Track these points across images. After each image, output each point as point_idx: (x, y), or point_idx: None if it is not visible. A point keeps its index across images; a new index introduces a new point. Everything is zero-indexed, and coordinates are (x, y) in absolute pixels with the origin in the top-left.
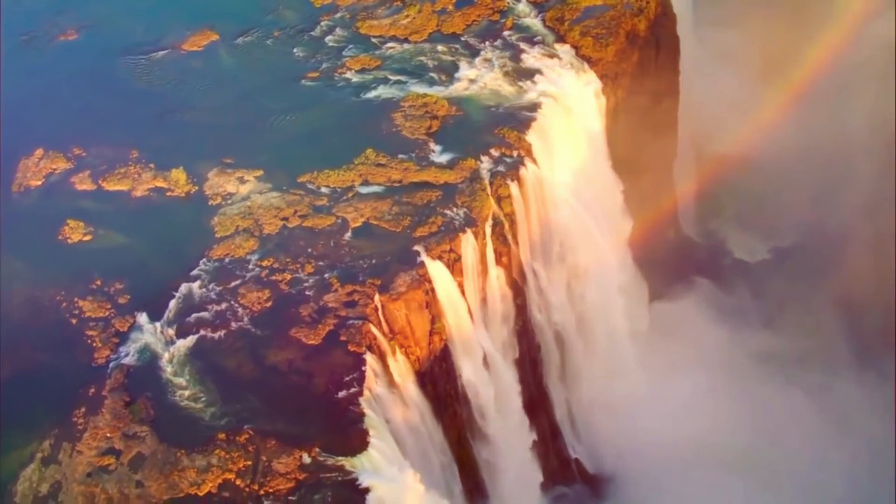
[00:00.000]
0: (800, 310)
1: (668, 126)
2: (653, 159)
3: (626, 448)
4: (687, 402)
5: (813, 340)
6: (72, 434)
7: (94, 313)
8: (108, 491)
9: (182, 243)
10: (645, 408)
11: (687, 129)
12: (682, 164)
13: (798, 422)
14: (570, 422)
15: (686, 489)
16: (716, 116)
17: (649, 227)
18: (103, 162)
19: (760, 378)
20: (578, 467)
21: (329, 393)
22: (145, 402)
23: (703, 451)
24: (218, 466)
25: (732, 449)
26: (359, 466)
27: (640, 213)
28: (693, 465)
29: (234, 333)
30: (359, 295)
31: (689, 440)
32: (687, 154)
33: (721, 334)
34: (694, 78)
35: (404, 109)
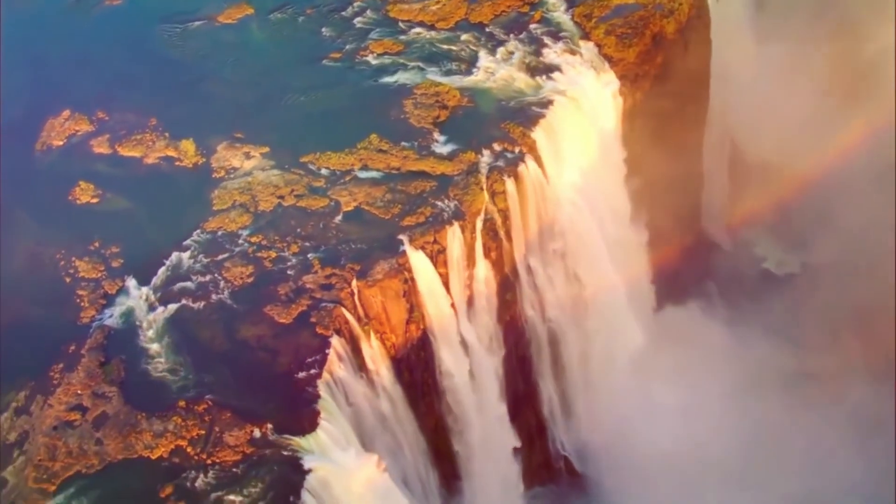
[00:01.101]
0: (821, 327)
1: (692, 132)
2: (673, 164)
3: (620, 453)
4: (688, 413)
5: (830, 358)
6: (46, 388)
7: (87, 274)
8: (69, 445)
9: (180, 213)
10: (644, 415)
11: (723, 135)
12: (716, 171)
13: (801, 439)
14: (563, 421)
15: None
16: (764, 127)
17: (665, 231)
18: (123, 127)
19: (767, 392)
20: (567, 465)
21: (290, 372)
22: (119, 363)
23: (701, 463)
24: (173, 433)
25: (730, 463)
26: (305, 447)
27: (656, 215)
28: (688, 477)
29: (212, 305)
30: (337, 278)
31: (687, 451)
32: (720, 161)
33: (731, 345)
34: (749, 90)
35: (416, 97)
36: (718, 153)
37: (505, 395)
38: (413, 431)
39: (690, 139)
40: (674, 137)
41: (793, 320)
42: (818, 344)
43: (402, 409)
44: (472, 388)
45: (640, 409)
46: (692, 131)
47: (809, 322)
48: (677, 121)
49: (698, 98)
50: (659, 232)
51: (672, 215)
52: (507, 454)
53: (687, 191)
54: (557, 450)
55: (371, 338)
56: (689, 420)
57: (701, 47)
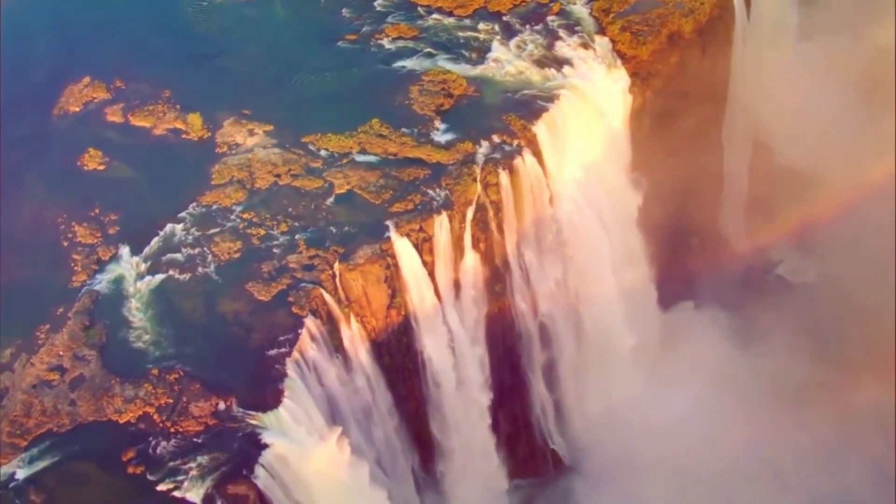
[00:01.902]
0: (830, 338)
1: (708, 133)
2: (686, 164)
3: (612, 450)
4: (686, 416)
5: (837, 369)
6: (31, 347)
7: (84, 239)
8: (45, 404)
9: (180, 185)
10: (641, 416)
11: (745, 137)
12: (736, 172)
13: (799, 451)
14: (553, 415)
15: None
16: (795, 130)
17: (675, 232)
18: (137, 97)
19: (768, 402)
20: (554, 458)
21: (261, 349)
22: (102, 328)
23: (695, 468)
24: (142, 399)
25: (726, 469)
26: (265, 423)
27: (665, 215)
28: (681, 480)
29: (197, 278)
30: (319, 260)
31: (682, 454)
32: (741, 163)
33: (735, 350)
34: (783, 91)
35: (423, 84)
36: (740, 155)
37: (490, 385)
38: (391, 414)
39: (706, 140)
40: (687, 138)
41: (802, 329)
42: (826, 354)
43: (381, 392)
44: (455, 376)
45: (637, 410)
46: (708, 132)
47: (819, 332)
48: (691, 121)
49: (715, 99)
50: (668, 232)
51: (685, 216)
52: (488, 443)
53: (703, 192)
54: (546, 442)
55: (351, 320)
56: (686, 423)
57: (721, 48)
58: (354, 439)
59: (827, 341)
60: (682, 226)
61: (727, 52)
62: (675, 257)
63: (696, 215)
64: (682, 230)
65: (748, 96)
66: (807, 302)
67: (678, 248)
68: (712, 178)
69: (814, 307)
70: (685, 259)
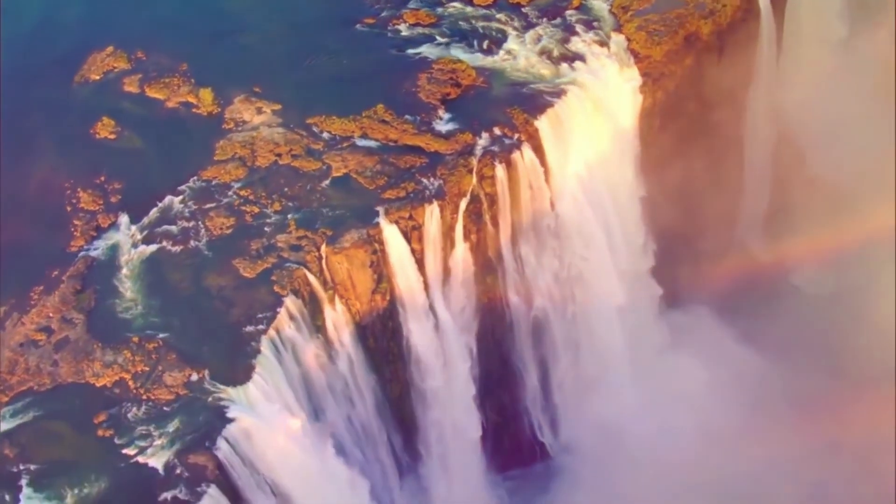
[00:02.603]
0: (839, 353)
1: (724, 137)
2: (699, 167)
3: (605, 451)
4: (684, 422)
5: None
6: (23, 307)
7: (87, 205)
8: (29, 362)
9: (184, 158)
10: (639, 420)
11: (767, 143)
12: (758, 178)
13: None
14: (544, 408)
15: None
16: (829, 137)
17: (686, 235)
18: (155, 69)
19: (765, 412)
20: (542, 452)
21: (239, 325)
22: (92, 293)
23: (688, 477)
24: (120, 365)
25: (715, 481)
26: (234, 397)
27: (676, 218)
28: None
29: (188, 251)
30: (307, 241)
31: (677, 462)
32: (763, 169)
33: (739, 358)
34: (824, 97)
35: (432, 72)
36: (762, 161)
37: (477, 374)
38: (373, 397)
39: (724, 145)
40: (701, 141)
41: (810, 342)
42: (834, 369)
43: (362, 374)
44: (441, 363)
45: (631, 411)
46: (726, 137)
47: (829, 346)
48: (707, 125)
49: (735, 104)
50: (677, 235)
51: (699, 219)
52: (473, 432)
53: (720, 196)
54: (535, 436)
55: (336, 302)
56: (681, 428)
57: (743, 52)
58: (331, 420)
59: (835, 355)
60: (694, 229)
61: (750, 56)
62: (684, 261)
63: (712, 220)
64: (695, 234)
65: (779, 103)
66: (819, 315)
67: (688, 251)
68: (731, 184)
69: (826, 320)
70: (695, 263)
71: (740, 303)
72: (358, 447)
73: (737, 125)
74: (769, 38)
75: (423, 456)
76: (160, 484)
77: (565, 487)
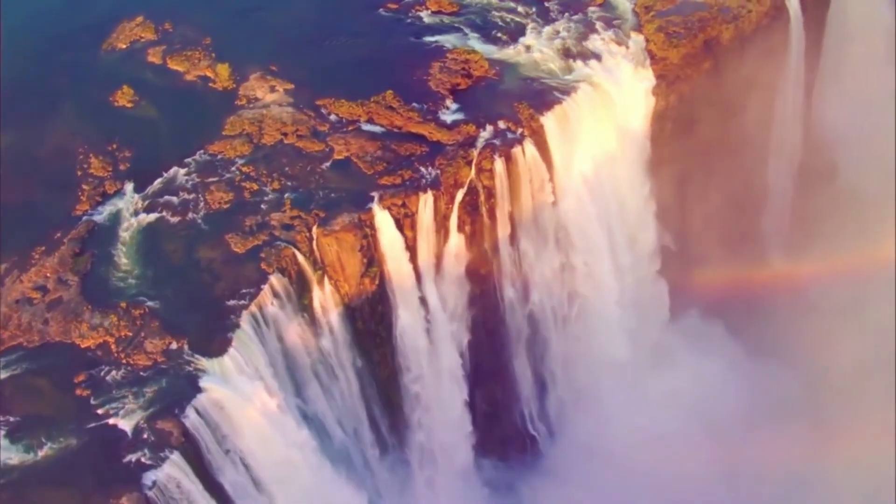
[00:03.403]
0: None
1: (745, 145)
2: (715, 174)
3: (598, 451)
4: (671, 429)
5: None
6: (24, 265)
7: (96, 171)
8: (22, 319)
9: (194, 131)
10: (626, 418)
11: (793, 153)
12: (781, 188)
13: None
14: (538, 402)
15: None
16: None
17: (698, 239)
18: (180, 41)
19: (759, 424)
20: (532, 446)
21: (223, 298)
22: (89, 257)
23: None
24: (105, 328)
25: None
26: (207, 368)
27: (686, 221)
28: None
29: (185, 222)
30: (300, 221)
31: (658, 467)
32: (787, 179)
33: (738, 368)
34: (866, 112)
35: (445, 61)
36: (787, 171)
37: (467, 363)
38: (357, 378)
39: (744, 153)
40: (721, 148)
41: (818, 357)
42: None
43: (348, 355)
44: (430, 350)
45: (625, 412)
46: (749, 145)
47: (837, 363)
48: (728, 132)
49: (759, 112)
50: (691, 238)
51: (715, 227)
52: (462, 419)
53: (740, 204)
54: (527, 428)
55: (325, 283)
56: (672, 433)
57: (768, 60)
58: (313, 397)
59: (843, 374)
60: (710, 237)
61: (778, 65)
62: (696, 268)
63: (732, 229)
64: (711, 241)
65: (814, 113)
66: (829, 329)
67: (701, 259)
68: (754, 192)
69: (836, 336)
70: (708, 271)
71: (752, 313)
72: (339, 425)
73: (762, 134)
74: (798, 48)
75: (409, 438)
76: (127, 446)
77: (553, 480)
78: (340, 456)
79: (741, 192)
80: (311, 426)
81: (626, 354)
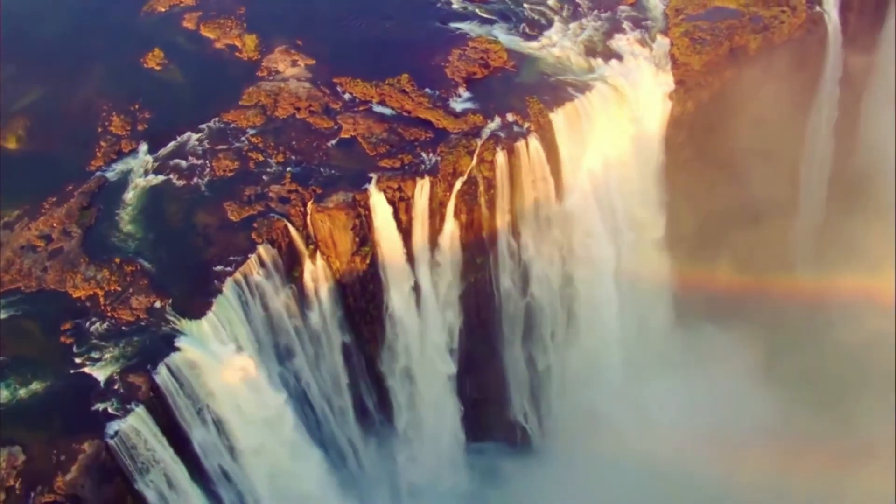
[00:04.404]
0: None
1: (759, 154)
2: (728, 181)
3: (589, 449)
4: (664, 433)
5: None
6: (35, 213)
7: (115, 129)
8: (23, 265)
9: (213, 98)
10: (618, 417)
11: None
12: (815, 201)
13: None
14: (532, 394)
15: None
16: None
17: (708, 249)
18: (215, 9)
19: (755, 442)
20: (523, 436)
21: (211, 263)
22: (95, 212)
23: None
24: (97, 281)
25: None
26: (185, 329)
27: (692, 226)
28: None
29: (189, 186)
30: (296, 195)
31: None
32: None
33: (741, 384)
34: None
35: (466, 49)
36: (820, 184)
37: (457, 348)
38: (343, 352)
39: (765, 162)
40: (738, 157)
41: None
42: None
43: (335, 329)
44: (420, 332)
45: (618, 413)
46: (777, 158)
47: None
48: (747, 141)
49: (791, 126)
50: (702, 246)
51: (730, 232)
52: (450, 403)
53: (761, 212)
54: (518, 421)
55: (317, 258)
56: (664, 438)
57: (800, 72)
58: (297, 367)
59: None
60: (724, 243)
61: (810, 78)
62: (708, 276)
63: (752, 236)
64: (724, 248)
65: (862, 132)
66: (844, 361)
67: (711, 264)
68: (778, 202)
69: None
70: (719, 278)
71: (764, 326)
72: (324, 398)
73: (792, 146)
74: (835, 63)
75: (395, 416)
76: (97, 395)
77: (542, 471)
78: (321, 429)
79: (765, 202)
80: (293, 397)
81: (624, 356)
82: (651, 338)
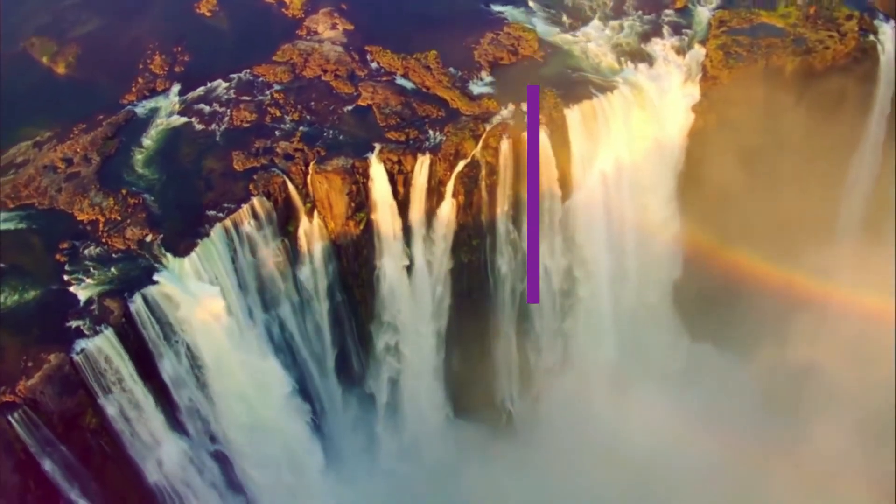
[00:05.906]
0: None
1: (793, 176)
2: (753, 198)
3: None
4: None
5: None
6: (63, 137)
7: (154, 68)
8: (42, 183)
9: (250, 50)
10: (607, 413)
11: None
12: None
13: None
14: (520, 379)
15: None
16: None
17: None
18: None
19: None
20: (508, 418)
21: (207, 206)
22: (117, 142)
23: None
24: (101, 208)
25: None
26: (165, 264)
27: (706, 237)
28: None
29: (206, 131)
30: (300, 154)
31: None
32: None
33: (738, 400)
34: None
35: (499, 34)
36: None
37: (446, 327)
38: (333, 309)
39: (798, 183)
40: (767, 177)
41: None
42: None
43: (324, 286)
44: (410, 301)
45: (607, 409)
46: (804, 177)
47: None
48: (779, 163)
49: (831, 160)
50: (717, 259)
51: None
52: (437, 374)
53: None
54: (504, 402)
55: (314, 216)
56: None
57: (843, 102)
58: (283, 317)
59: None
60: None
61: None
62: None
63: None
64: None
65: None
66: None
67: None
68: (813, 223)
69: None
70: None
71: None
72: (307, 349)
73: (834, 171)
74: (887, 95)
75: (378, 373)
76: (74, 313)
77: (521, 455)
78: (305, 382)
79: (798, 222)
80: (276, 346)
81: (620, 358)
82: (648, 346)
